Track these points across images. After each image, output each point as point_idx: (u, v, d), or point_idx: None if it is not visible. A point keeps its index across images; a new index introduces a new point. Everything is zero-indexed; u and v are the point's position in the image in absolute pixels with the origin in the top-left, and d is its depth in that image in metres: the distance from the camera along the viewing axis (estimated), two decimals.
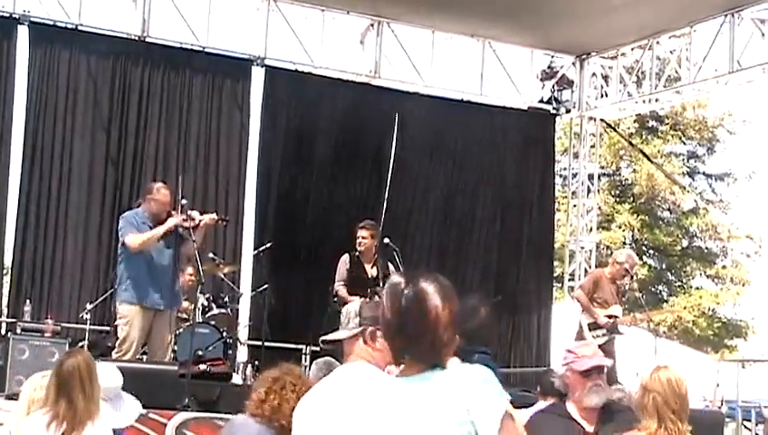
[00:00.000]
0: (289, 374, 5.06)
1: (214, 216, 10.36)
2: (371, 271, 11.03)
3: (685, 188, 30.91)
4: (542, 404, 6.53)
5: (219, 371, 10.89)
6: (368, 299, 10.42)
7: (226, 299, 12.52)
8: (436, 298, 3.20)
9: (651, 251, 31.85)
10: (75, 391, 5.62)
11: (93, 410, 5.66)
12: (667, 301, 30.87)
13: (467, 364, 3.26)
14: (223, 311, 12.15)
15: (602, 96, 17.32)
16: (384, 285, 12.15)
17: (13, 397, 8.69)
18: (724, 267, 31.96)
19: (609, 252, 28.01)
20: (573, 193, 17.75)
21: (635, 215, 30.64)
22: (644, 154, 26.75)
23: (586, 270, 16.80)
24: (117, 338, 9.90)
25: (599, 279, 12.07)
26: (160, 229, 9.77)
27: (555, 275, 18.43)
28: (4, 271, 14.07)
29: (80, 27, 14.02)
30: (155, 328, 9.86)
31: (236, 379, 11.37)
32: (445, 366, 3.20)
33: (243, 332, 13.70)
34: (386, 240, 11.05)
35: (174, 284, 10.04)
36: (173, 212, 9.88)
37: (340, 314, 10.99)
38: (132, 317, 9.71)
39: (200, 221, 9.95)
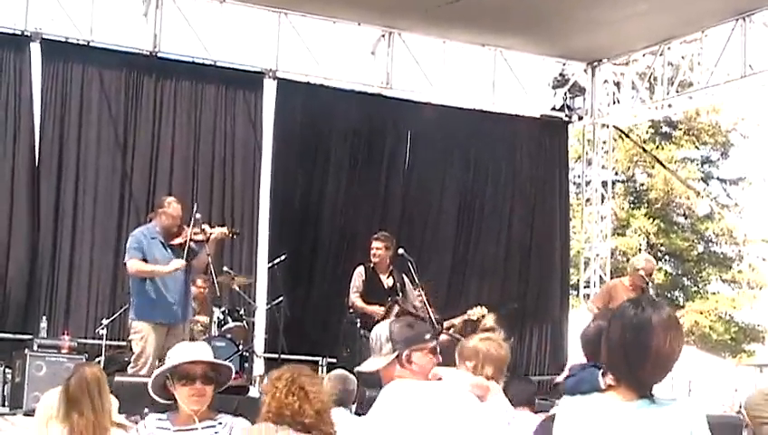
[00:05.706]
0: (302, 374, 4.67)
1: (225, 229, 10.30)
2: (387, 281, 11.05)
3: (699, 193, 30.81)
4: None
5: (236, 384, 10.85)
6: (386, 308, 10.57)
7: (242, 312, 12.53)
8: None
9: (667, 256, 31.76)
10: (84, 406, 5.61)
11: (106, 422, 5.65)
12: (683, 306, 30.75)
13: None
14: (239, 324, 12.16)
15: (615, 103, 17.27)
16: (401, 295, 12.14)
17: (30, 413, 8.71)
18: (740, 271, 31.85)
19: (626, 258, 28.00)
20: (588, 200, 17.70)
21: (650, 220, 30.56)
22: (657, 160, 26.70)
23: (601, 277, 16.76)
24: (132, 353, 9.90)
25: (612, 291, 11.90)
26: (163, 269, 9.67)
27: (571, 282, 18.38)
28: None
29: (91, 43, 14.07)
30: (169, 343, 9.82)
31: (253, 392, 11.33)
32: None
33: (259, 344, 13.70)
34: (400, 251, 11.04)
35: (186, 298, 10.00)
36: (184, 226, 9.85)
37: (356, 324, 10.99)
38: (146, 332, 9.68)
39: (211, 234, 9.94)
